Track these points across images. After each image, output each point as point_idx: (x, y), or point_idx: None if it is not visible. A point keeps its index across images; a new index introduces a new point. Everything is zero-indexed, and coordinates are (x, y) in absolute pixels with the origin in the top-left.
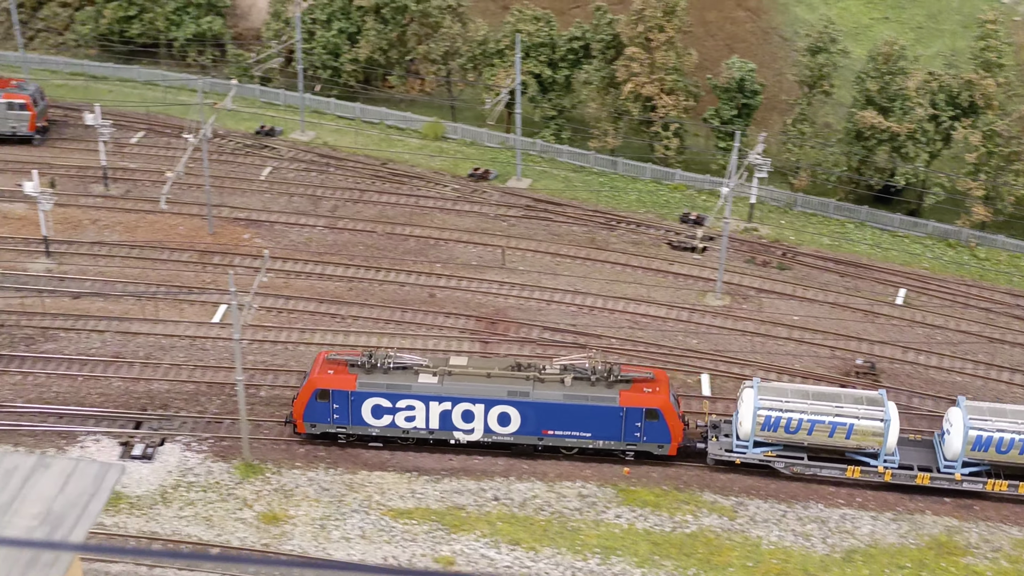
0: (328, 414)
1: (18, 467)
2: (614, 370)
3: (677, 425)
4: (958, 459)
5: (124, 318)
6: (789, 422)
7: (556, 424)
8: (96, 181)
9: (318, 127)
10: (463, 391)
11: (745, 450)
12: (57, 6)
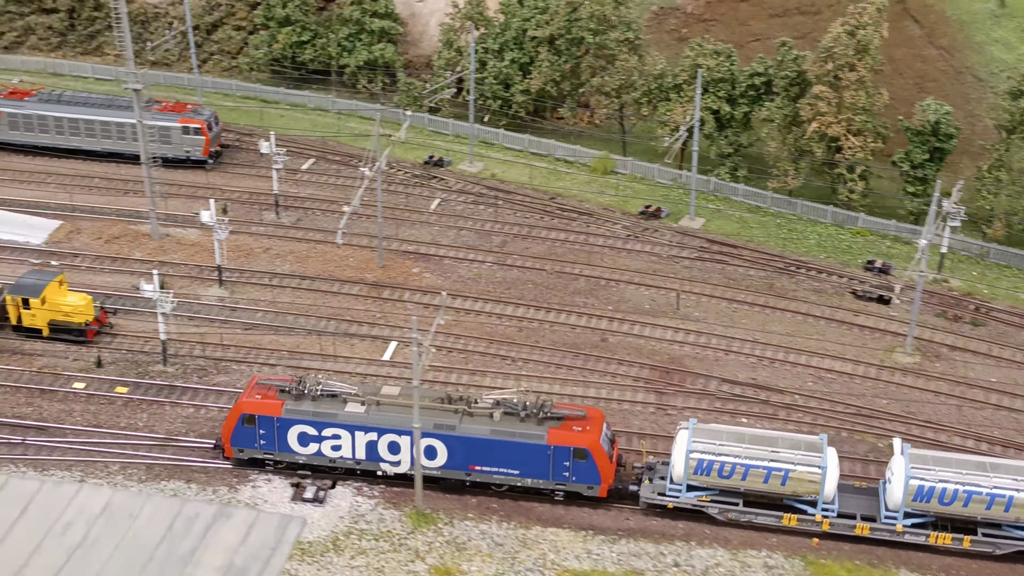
0: (254, 439)
1: (200, 515)
2: (546, 407)
3: (608, 466)
4: (899, 509)
5: (296, 351)
6: (723, 466)
7: (483, 460)
8: (267, 208)
9: (486, 158)
10: (389, 422)
11: (678, 494)
12: (231, 29)
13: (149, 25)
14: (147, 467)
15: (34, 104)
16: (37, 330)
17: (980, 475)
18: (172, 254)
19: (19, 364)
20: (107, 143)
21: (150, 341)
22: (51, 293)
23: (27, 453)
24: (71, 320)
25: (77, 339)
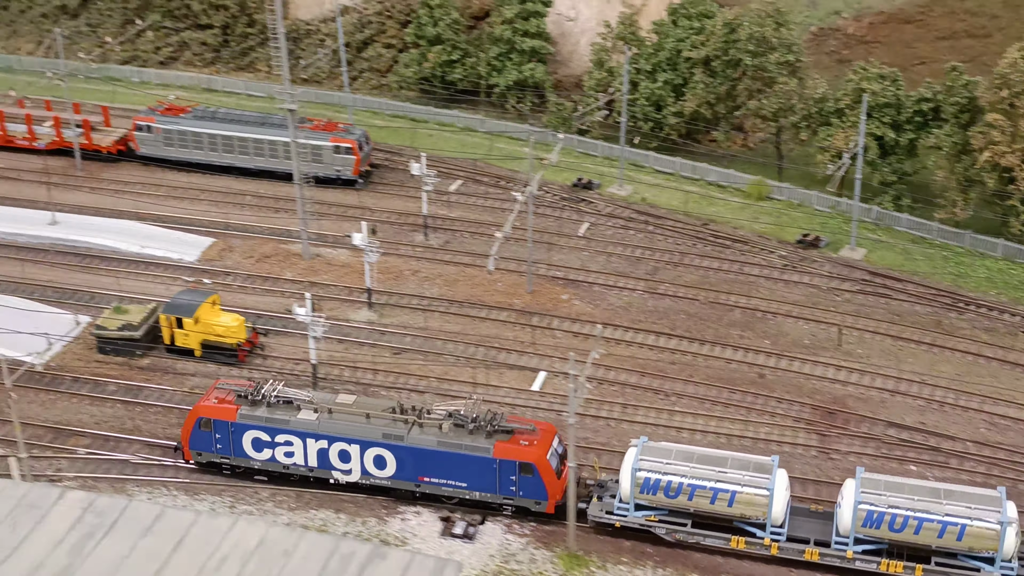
0: (211, 443)
1: (355, 555)
2: (497, 419)
3: (555, 482)
4: (849, 535)
5: (444, 378)
6: (669, 485)
7: (431, 471)
8: (416, 230)
9: (636, 181)
10: (340, 430)
11: (626, 513)
12: (382, 47)
13: (301, 42)
14: (296, 495)
15: (189, 121)
16: (190, 350)
17: (932, 502)
18: (322, 275)
19: (171, 384)
20: (259, 161)
21: (300, 363)
22: (204, 313)
23: (178, 476)
24: (224, 341)
25: (229, 360)
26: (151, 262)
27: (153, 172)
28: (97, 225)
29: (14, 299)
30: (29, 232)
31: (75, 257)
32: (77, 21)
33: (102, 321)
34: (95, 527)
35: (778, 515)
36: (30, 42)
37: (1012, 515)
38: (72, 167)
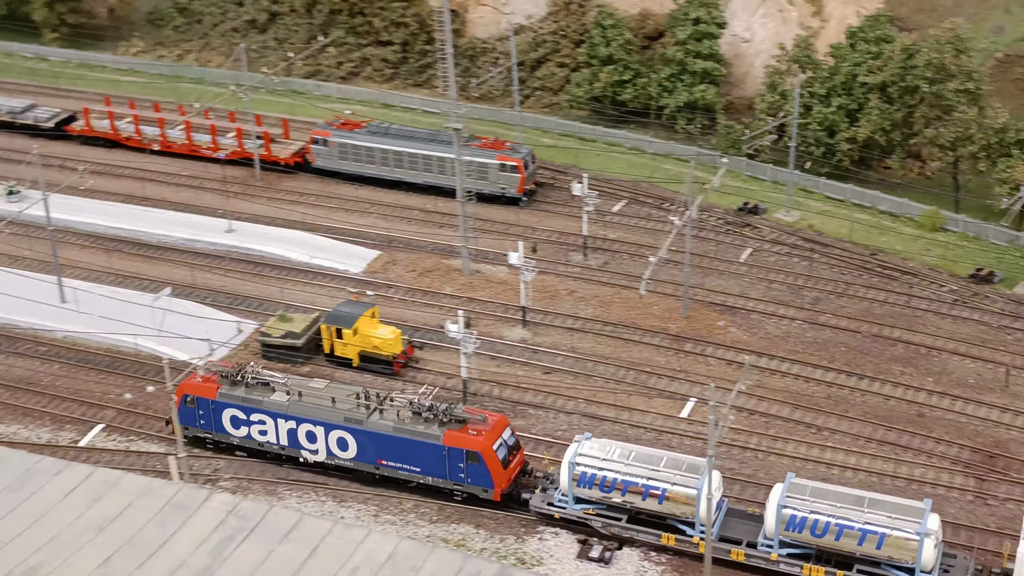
0: (196, 419)
1: (481, 573)
2: (452, 409)
3: (501, 471)
4: (774, 538)
5: (592, 400)
6: (604, 480)
7: (389, 455)
8: (575, 250)
9: (804, 207)
10: (307, 412)
11: (565, 505)
12: (555, 66)
13: (477, 60)
14: (439, 508)
15: (363, 135)
16: (348, 360)
17: (854, 509)
18: (480, 291)
19: None
20: (428, 176)
21: (452, 378)
22: (363, 325)
23: (328, 483)
24: (380, 352)
25: (384, 371)
26: (318, 272)
27: (327, 184)
28: (271, 234)
29: (188, 303)
30: (206, 239)
31: (248, 264)
32: (265, 36)
33: (267, 328)
34: (237, 530)
35: (706, 514)
36: (220, 55)
37: (932, 527)
38: (251, 177)
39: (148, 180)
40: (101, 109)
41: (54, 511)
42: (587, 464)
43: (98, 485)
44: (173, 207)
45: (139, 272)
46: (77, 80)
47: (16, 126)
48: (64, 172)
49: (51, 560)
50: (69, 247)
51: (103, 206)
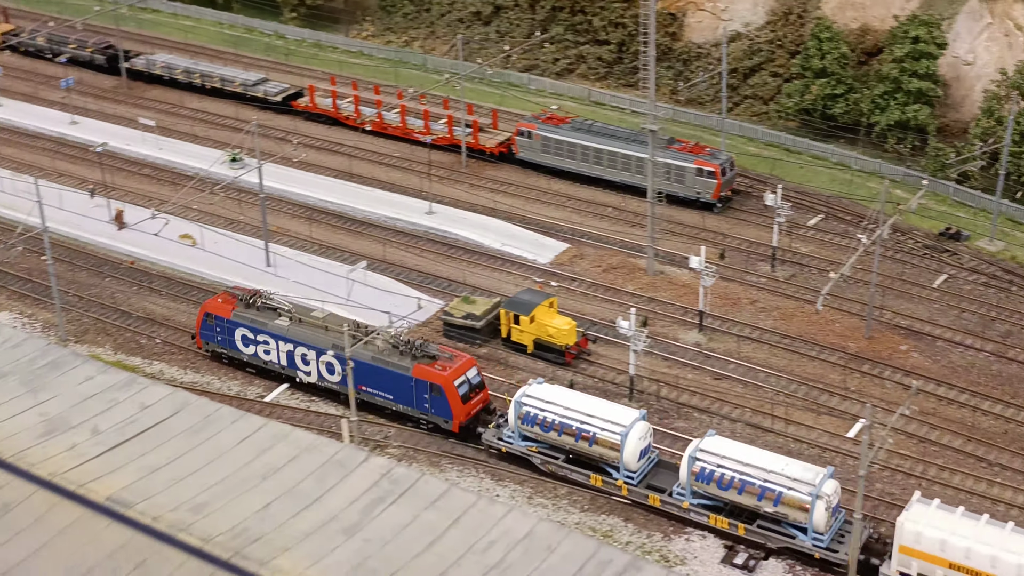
0: (214, 335)
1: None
2: (426, 346)
3: (460, 406)
4: (686, 488)
5: (759, 411)
6: (544, 420)
7: (368, 382)
8: (763, 260)
9: (1009, 238)
10: (303, 337)
11: (512, 441)
12: (767, 75)
13: (690, 64)
14: (591, 497)
15: (567, 131)
16: (522, 346)
17: (758, 468)
18: (661, 292)
19: (501, 374)
20: (625, 175)
21: (622, 374)
22: (540, 313)
23: (488, 462)
24: (554, 341)
25: (557, 360)
26: (507, 259)
27: (527, 176)
28: (467, 219)
29: (380, 277)
30: (407, 218)
31: (442, 246)
32: (487, 28)
33: (450, 308)
34: (387, 492)
35: (629, 460)
36: (444, 44)
37: (827, 491)
38: (457, 163)
39: (360, 158)
40: (326, 88)
41: (225, 456)
42: (532, 404)
43: (268, 437)
44: (380, 186)
45: (340, 244)
46: (309, 59)
47: (247, 98)
48: (284, 144)
49: (216, 500)
50: (279, 215)
51: (315, 179)
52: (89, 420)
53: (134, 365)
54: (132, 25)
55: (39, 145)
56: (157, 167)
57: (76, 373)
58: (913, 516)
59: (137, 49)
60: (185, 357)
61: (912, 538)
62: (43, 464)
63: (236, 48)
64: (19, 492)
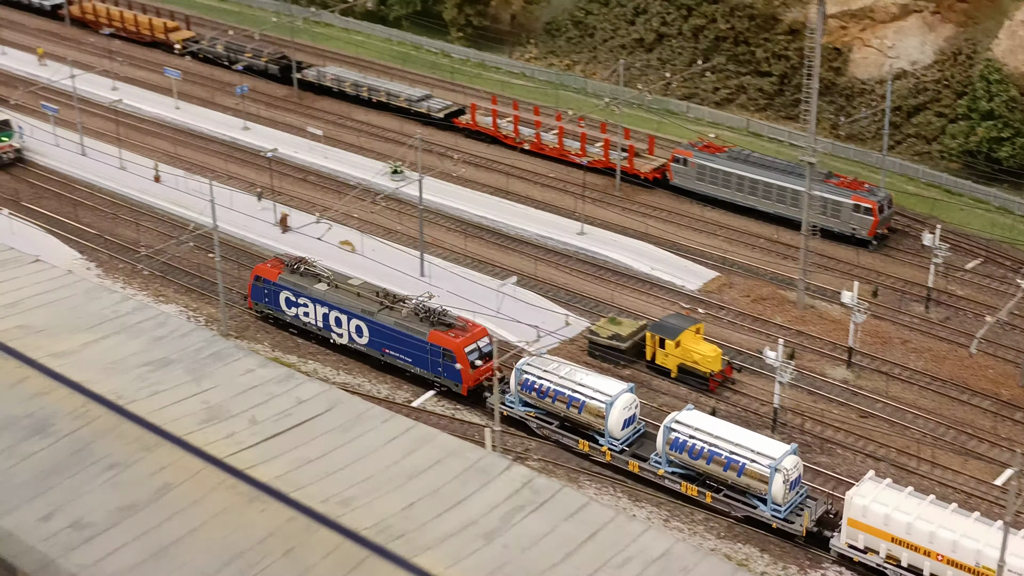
0: (262, 296)
1: None
2: (444, 315)
3: (469, 371)
4: (662, 456)
5: (904, 452)
6: (540, 387)
7: (390, 346)
8: (917, 301)
9: None
10: (337, 301)
11: (513, 406)
12: (932, 115)
13: (853, 100)
14: (728, 526)
15: (723, 160)
16: (667, 370)
17: (726, 441)
18: (810, 326)
19: (644, 397)
20: (780, 207)
21: (765, 405)
22: (686, 339)
23: (627, 482)
24: (698, 367)
25: (700, 386)
26: (655, 283)
27: (680, 202)
28: (618, 242)
29: (529, 293)
30: (558, 238)
31: (591, 267)
32: (649, 55)
33: (596, 328)
34: (527, 501)
35: (613, 428)
36: (605, 68)
37: (786, 466)
38: (611, 186)
39: (516, 176)
40: (487, 106)
41: (373, 455)
42: (530, 372)
43: (415, 439)
44: (533, 204)
45: (492, 259)
46: (473, 78)
47: (411, 112)
48: (444, 159)
49: (362, 497)
50: (436, 227)
51: (472, 194)
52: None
53: (290, 363)
54: (306, 38)
55: (212, 148)
56: (322, 175)
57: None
58: (862, 491)
59: (309, 61)
60: (338, 359)
61: (859, 512)
62: (203, 449)
63: (403, 64)
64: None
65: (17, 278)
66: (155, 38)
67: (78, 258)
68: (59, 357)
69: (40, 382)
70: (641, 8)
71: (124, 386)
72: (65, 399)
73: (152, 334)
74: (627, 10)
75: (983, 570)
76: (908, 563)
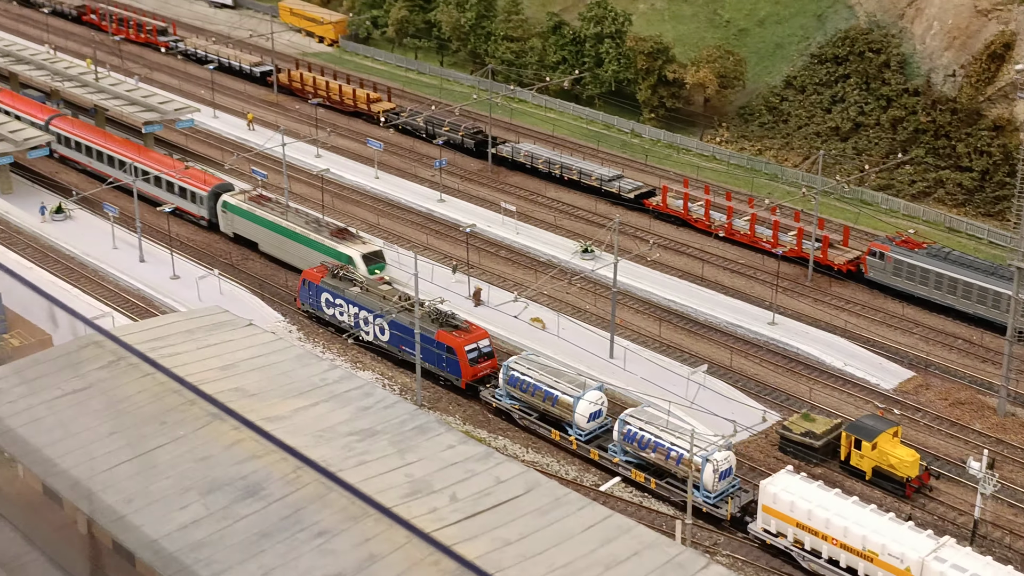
0: (307, 297)
1: None
2: (453, 318)
3: (468, 367)
4: (617, 447)
5: None
6: (523, 383)
7: (406, 343)
8: None
9: None
10: (364, 303)
11: (501, 399)
12: None
13: None
14: None
15: (921, 256)
16: (861, 472)
17: (670, 433)
18: (1011, 434)
19: None
20: (981, 308)
21: (964, 514)
22: (883, 441)
23: None
24: (895, 472)
25: (895, 491)
26: (848, 380)
27: (875, 297)
28: (810, 334)
29: (719, 382)
30: (748, 326)
31: (782, 358)
32: (844, 144)
33: (789, 424)
34: None
35: (580, 420)
36: (798, 155)
37: (717, 458)
38: (803, 276)
39: (706, 261)
40: (678, 189)
41: (572, 540)
42: (516, 369)
43: (613, 528)
44: (723, 291)
45: (681, 344)
46: (663, 159)
47: (601, 192)
48: (632, 240)
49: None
50: (624, 308)
51: (661, 277)
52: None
53: (480, 437)
54: (501, 113)
55: (409, 218)
56: (513, 250)
57: (440, 440)
58: (774, 481)
59: (503, 136)
60: (527, 438)
61: (770, 499)
62: (409, 522)
63: (595, 143)
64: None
65: (233, 340)
66: (357, 108)
67: (281, 320)
68: (272, 421)
69: (254, 445)
70: (839, 97)
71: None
72: (278, 464)
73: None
74: (824, 98)
75: (868, 553)
76: (811, 547)
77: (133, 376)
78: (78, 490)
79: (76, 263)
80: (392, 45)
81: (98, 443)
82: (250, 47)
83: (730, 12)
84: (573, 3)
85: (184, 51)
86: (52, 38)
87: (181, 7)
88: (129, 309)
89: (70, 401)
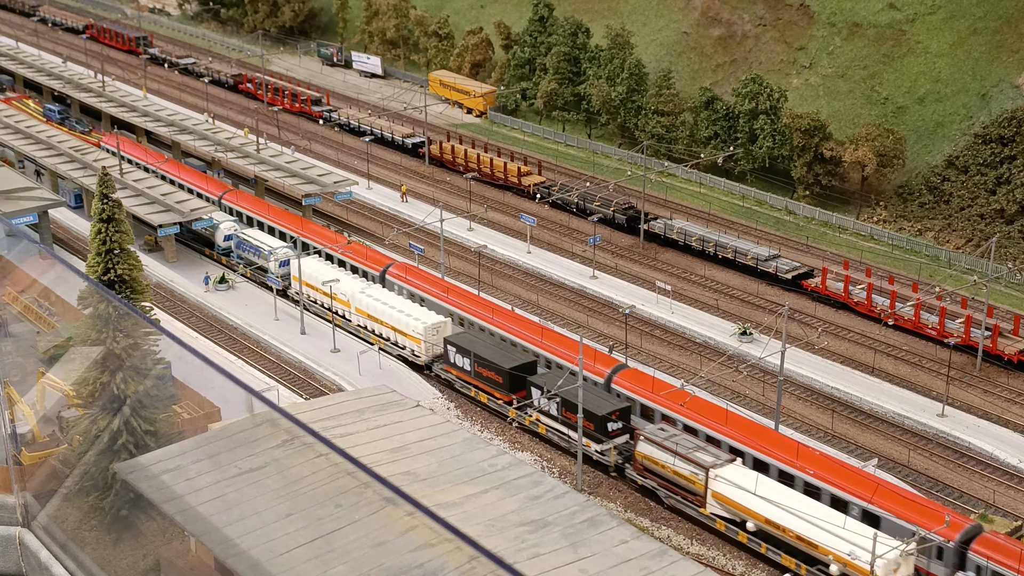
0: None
1: None
2: None
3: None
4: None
5: None
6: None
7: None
8: None
9: None
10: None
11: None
12: None
13: None
14: None
15: None
16: None
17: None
18: None
19: None
20: None
21: None
22: None
23: None
24: None
25: None
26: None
27: None
28: (981, 427)
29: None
30: (915, 417)
31: (954, 453)
32: (1011, 227)
33: None
34: None
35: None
36: (960, 237)
37: None
38: (971, 365)
39: (869, 348)
40: (838, 271)
41: None
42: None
43: None
44: (888, 379)
45: (846, 434)
46: (818, 237)
47: (757, 271)
48: (793, 323)
49: None
50: (788, 396)
51: (824, 363)
52: None
53: (643, 526)
54: (654, 188)
55: (562, 295)
56: (668, 330)
57: (612, 534)
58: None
59: (655, 212)
60: (690, 528)
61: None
62: None
63: (746, 219)
64: None
65: (402, 422)
66: (508, 181)
67: (438, 396)
68: (444, 508)
69: (428, 532)
70: (1004, 178)
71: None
72: (452, 553)
73: (528, 492)
74: (988, 179)
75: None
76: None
77: (308, 456)
78: (258, 572)
79: (239, 333)
80: (540, 117)
81: (276, 524)
82: (403, 118)
83: (888, 89)
84: (724, 77)
85: (339, 122)
86: (211, 107)
87: (332, 76)
88: (291, 382)
89: (248, 480)
